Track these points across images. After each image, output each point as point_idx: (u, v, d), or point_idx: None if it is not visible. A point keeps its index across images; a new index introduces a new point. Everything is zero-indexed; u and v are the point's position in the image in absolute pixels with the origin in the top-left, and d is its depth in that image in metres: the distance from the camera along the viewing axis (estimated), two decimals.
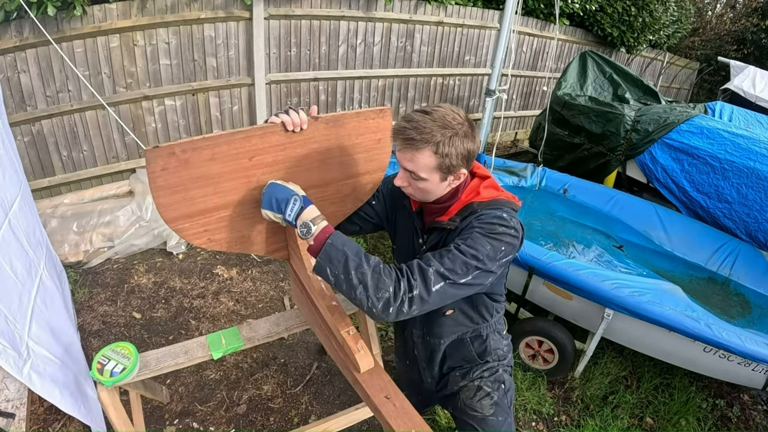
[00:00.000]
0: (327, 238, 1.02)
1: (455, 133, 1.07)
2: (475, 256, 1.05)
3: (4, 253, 1.53)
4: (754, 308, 2.59)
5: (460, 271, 1.03)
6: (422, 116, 1.07)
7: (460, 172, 1.14)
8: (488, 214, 1.13)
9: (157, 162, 1.04)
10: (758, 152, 2.98)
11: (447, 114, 1.08)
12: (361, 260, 0.99)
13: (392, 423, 1.07)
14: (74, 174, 3.16)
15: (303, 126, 1.20)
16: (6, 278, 1.50)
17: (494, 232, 1.09)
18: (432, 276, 1.00)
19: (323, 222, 1.05)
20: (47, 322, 1.70)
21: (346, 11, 3.89)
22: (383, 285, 0.97)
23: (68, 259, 2.82)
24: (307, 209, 1.07)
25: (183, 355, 1.39)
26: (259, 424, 2.07)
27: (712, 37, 9.44)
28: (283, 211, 1.08)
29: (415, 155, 1.08)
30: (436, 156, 1.07)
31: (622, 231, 3.18)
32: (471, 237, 1.09)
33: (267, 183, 1.16)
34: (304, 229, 1.04)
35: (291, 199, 1.08)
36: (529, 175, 3.61)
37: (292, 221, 1.07)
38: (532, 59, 5.75)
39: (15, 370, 1.33)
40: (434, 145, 1.06)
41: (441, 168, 1.10)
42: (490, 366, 1.40)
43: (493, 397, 1.37)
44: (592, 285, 2.16)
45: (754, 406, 2.56)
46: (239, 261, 3.12)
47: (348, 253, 0.99)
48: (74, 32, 2.78)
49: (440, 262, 1.03)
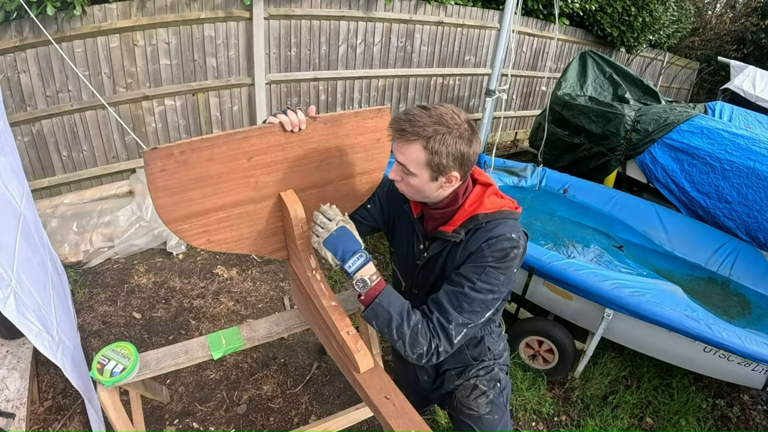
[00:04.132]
0: (376, 297, 1.12)
1: (449, 132, 1.06)
2: (491, 290, 1.11)
3: (30, 245, 1.55)
4: (754, 308, 2.59)
5: (479, 309, 1.11)
6: (420, 111, 1.07)
7: (452, 175, 1.11)
8: (498, 239, 1.12)
9: (155, 163, 1.04)
10: (758, 152, 2.98)
11: (446, 113, 1.07)
12: (402, 321, 1.10)
13: (392, 423, 1.07)
14: (74, 174, 3.16)
15: (301, 126, 1.20)
16: (33, 267, 1.52)
17: (506, 260, 1.11)
18: (453, 331, 1.10)
19: (378, 279, 1.14)
20: (63, 316, 1.73)
21: (346, 11, 3.89)
22: (418, 345, 1.09)
23: (68, 259, 2.82)
24: (367, 266, 1.13)
25: (183, 355, 1.39)
26: (259, 424, 2.07)
27: (712, 37, 9.43)
28: (346, 261, 1.12)
29: (405, 147, 1.08)
30: (426, 151, 1.06)
31: (622, 231, 3.18)
32: (485, 272, 1.10)
33: (339, 225, 1.15)
34: (360, 284, 1.12)
35: (357, 254, 1.13)
36: (529, 175, 3.61)
37: (351, 273, 1.13)
38: (532, 59, 5.75)
39: (50, 353, 1.36)
40: (425, 140, 1.05)
41: (430, 165, 1.08)
42: (486, 365, 1.40)
43: (489, 395, 1.36)
44: (592, 285, 2.16)
45: (754, 406, 2.56)
46: (239, 261, 3.12)
47: (392, 314, 1.10)
48: (74, 32, 2.78)
49: (459, 311, 1.10)
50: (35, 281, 1.50)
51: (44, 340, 1.35)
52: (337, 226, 1.15)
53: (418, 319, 1.11)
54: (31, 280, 1.46)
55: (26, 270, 1.46)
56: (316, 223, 1.18)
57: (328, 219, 1.17)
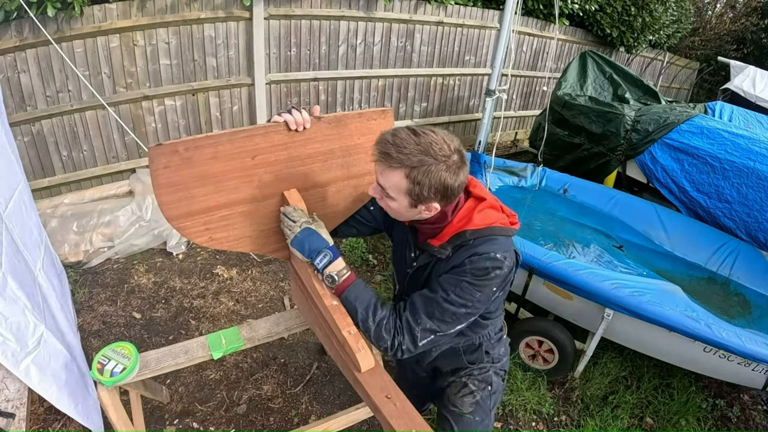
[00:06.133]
0: (344, 291, 1.16)
1: (435, 163, 1.01)
2: (464, 305, 1.10)
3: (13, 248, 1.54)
4: (754, 308, 2.59)
5: (449, 320, 1.11)
6: (408, 136, 1.02)
7: (432, 205, 1.08)
8: (481, 257, 1.09)
9: (159, 159, 1.04)
10: (758, 152, 2.98)
11: (435, 142, 1.02)
12: (368, 315, 1.13)
13: (392, 423, 1.07)
14: (74, 174, 3.16)
15: (306, 125, 1.20)
16: (23, 268, 1.50)
17: (485, 278, 1.09)
18: (419, 333, 1.11)
19: (346, 274, 1.17)
20: (55, 318, 1.71)
21: (346, 11, 3.89)
22: (382, 339, 1.12)
23: (68, 259, 2.82)
24: (334, 262, 1.16)
25: (183, 355, 1.39)
26: (259, 424, 2.07)
27: (712, 36, 9.42)
28: (314, 259, 1.17)
29: (387, 172, 1.05)
30: (407, 180, 1.03)
31: (622, 231, 3.18)
32: (460, 286, 1.09)
33: (302, 226, 1.19)
34: (329, 279, 1.17)
35: (323, 252, 1.16)
36: (529, 175, 3.60)
37: (320, 270, 1.17)
38: (532, 59, 5.75)
39: (12, 363, 1.31)
40: (408, 169, 1.02)
41: (411, 194, 1.05)
42: (481, 366, 1.40)
43: (476, 396, 1.35)
44: (592, 285, 2.16)
45: (754, 406, 2.57)
46: (239, 261, 3.12)
47: (358, 308, 1.14)
48: (74, 32, 2.77)
49: (429, 316, 1.10)
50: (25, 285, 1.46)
51: (7, 349, 1.29)
52: (300, 228, 1.18)
53: (385, 315, 1.13)
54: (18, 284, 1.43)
55: (12, 273, 1.43)
56: (284, 225, 1.22)
57: (292, 221, 1.20)
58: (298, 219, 1.20)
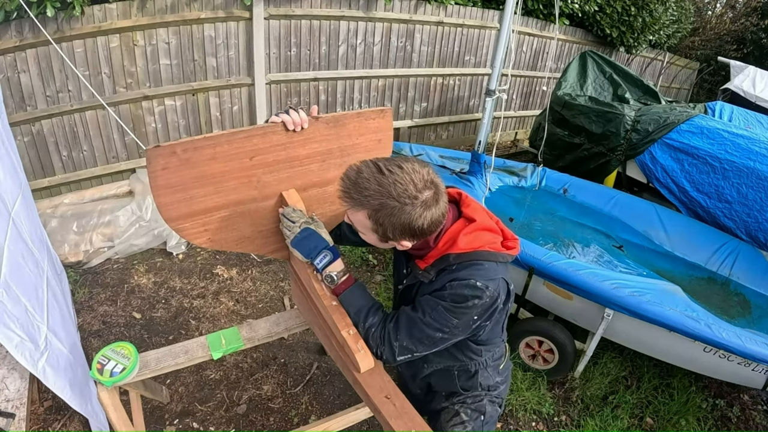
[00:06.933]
0: (341, 294, 1.17)
1: (398, 206, 0.96)
2: (439, 329, 1.08)
3: (20, 248, 1.54)
4: (754, 308, 2.59)
5: (426, 342, 1.10)
6: (372, 175, 0.96)
7: (402, 243, 1.06)
8: (461, 283, 1.03)
9: (158, 161, 1.04)
10: (758, 152, 2.98)
11: (399, 182, 0.95)
12: (359, 320, 1.15)
13: (392, 423, 1.07)
14: (74, 174, 3.16)
15: (304, 125, 1.20)
16: (24, 271, 1.51)
17: (462, 305, 1.04)
18: (397, 349, 1.11)
19: (345, 276, 1.18)
20: (59, 317, 1.71)
21: (346, 11, 3.89)
22: (369, 345, 1.15)
23: (68, 259, 2.82)
24: (335, 262, 1.17)
25: (183, 355, 1.39)
26: (259, 424, 2.07)
27: (712, 36, 9.42)
28: (314, 259, 1.17)
29: (351, 211, 1.03)
30: (371, 221, 1.00)
31: (622, 231, 3.18)
32: (436, 310, 1.05)
33: (302, 226, 1.19)
34: (328, 279, 1.18)
35: (323, 252, 1.17)
36: (529, 175, 3.60)
37: (320, 270, 1.17)
38: (532, 59, 5.75)
39: (30, 364, 1.33)
40: (370, 210, 0.98)
41: (377, 233, 1.04)
42: (476, 394, 1.35)
43: (467, 426, 1.31)
44: (592, 285, 2.16)
45: (754, 406, 2.56)
46: (239, 261, 3.12)
47: (350, 312, 1.17)
48: (74, 32, 2.77)
49: (408, 335, 1.10)
50: (25, 286, 1.46)
51: (25, 350, 1.31)
52: (300, 228, 1.18)
53: (374, 323, 1.14)
54: (20, 286, 1.43)
55: (15, 275, 1.43)
56: (283, 225, 1.22)
57: (291, 221, 1.20)
58: (298, 219, 1.20)
